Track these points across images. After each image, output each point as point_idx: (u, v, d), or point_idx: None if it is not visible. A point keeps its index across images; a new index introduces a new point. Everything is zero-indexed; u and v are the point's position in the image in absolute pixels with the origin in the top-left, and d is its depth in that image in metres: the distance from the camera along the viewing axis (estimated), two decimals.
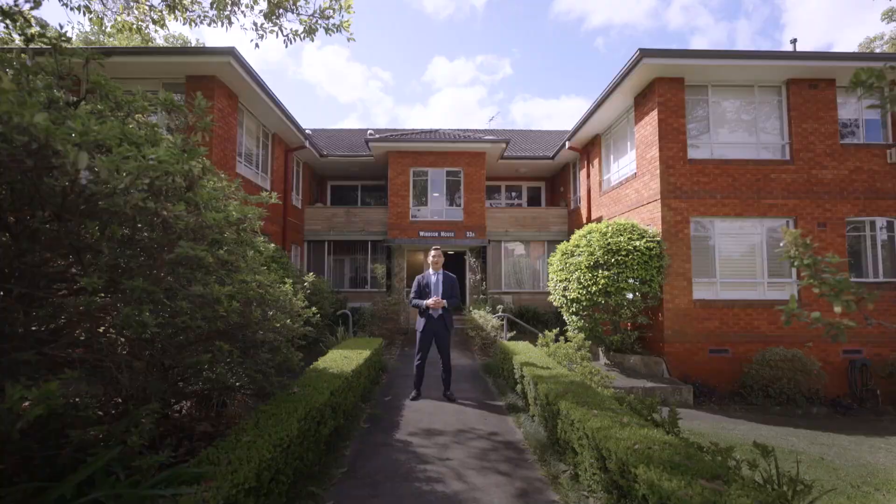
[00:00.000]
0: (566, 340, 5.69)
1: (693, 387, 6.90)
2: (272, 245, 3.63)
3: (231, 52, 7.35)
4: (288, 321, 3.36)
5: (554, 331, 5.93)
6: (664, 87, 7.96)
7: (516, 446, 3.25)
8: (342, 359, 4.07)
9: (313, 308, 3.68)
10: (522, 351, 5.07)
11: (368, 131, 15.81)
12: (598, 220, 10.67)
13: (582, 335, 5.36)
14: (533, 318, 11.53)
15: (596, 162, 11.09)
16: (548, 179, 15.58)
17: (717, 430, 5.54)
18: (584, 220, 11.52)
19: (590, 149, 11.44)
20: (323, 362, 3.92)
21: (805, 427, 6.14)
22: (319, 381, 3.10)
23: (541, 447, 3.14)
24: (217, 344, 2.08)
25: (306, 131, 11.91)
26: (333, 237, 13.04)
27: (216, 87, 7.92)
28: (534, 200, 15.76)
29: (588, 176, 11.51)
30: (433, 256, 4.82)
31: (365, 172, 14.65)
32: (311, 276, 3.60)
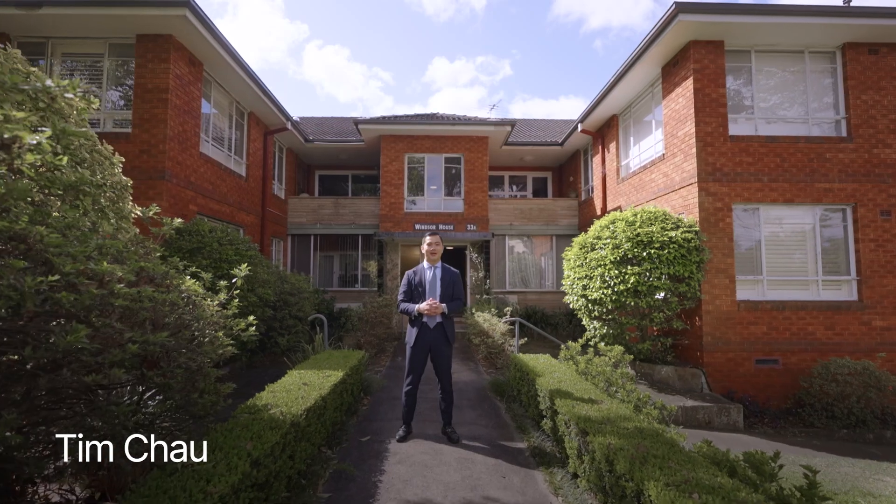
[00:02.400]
0: (597, 353, 4.51)
1: (742, 405, 5.74)
2: (178, 220, 2.42)
3: (186, 2, 6.10)
4: (219, 334, 2.16)
5: (581, 340, 4.74)
6: (701, 51, 6.77)
7: None
8: (298, 388, 2.86)
9: (250, 317, 2.46)
10: (546, 370, 3.87)
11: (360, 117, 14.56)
12: (616, 210, 9.49)
13: (620, 348, 4.17)
14: (541, 321, 10.36)
15: (612, 146, 9.90)
16: (554, 169, 14.39)
17: (789, 465, 4.38)
18: (599, 212, 10.34)
19: (605, 131, 10.24)
20: (269, 394, 2.71)
21: (888, 458, 4.98)
22: (241, 438, 1.90)
23: None
24: None
25: (294, 118, 10.65)
26: (320, 231, 11.80)
27: (172, 49, 6.68)
28: (539, 192, 14.57)
29: (603, 162, 10.32)
30: (429, 245, 3.62)
31: (355, 160, 13.42)
32: (244, 269, 2.39)
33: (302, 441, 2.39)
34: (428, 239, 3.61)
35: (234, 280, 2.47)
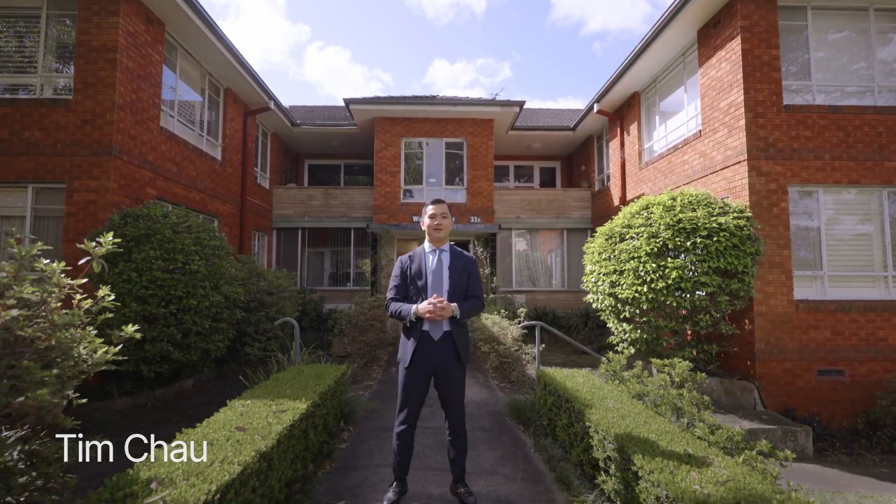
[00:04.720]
0: (646, 368, 3.47)
1: (810, 427, 4.72)
2: None
3: None
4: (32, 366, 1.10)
5: (625, 352, 3.70)
6: (750, 6, 5.74)
7: None
8: (228, 437, 1.79)
9: (128, 327, 1.40)
10: (593, 395, 2.81)
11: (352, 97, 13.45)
12: (638, 199, 8.47)
13: (686, 363, 3.15)
14: (552, 323, 9.30)
15: (633, 127, 8.86)
16: (564, 159, 13.35)
17: None
18: (617, 202, 9.31)
19: (624, 112, 9.20)
20: (175, 449, 1.65)
21: None
22: None
23: None
24: None
25: (277, 98, 9.55)
26: (309, 224, 10.71)
27: (123, 0, 5.60)
28: (547, 184, 13.53)
29: (622, 146, 9.28)
30: (431, 216, 2.49)
31: (348, 147, 12.33)
32: (108, 240, 1.38)
33: None
34: (431, 209, 2.53)
35: (84, 260, 1.39)
